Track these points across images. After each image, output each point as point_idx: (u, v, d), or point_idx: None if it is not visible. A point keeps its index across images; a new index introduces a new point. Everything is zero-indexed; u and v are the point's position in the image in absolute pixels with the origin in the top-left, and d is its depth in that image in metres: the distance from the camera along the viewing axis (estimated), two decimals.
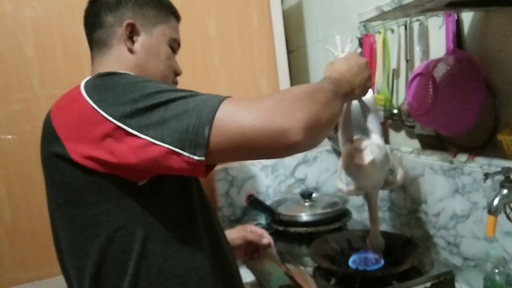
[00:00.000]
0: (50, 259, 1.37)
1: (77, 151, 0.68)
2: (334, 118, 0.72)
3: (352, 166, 0.95)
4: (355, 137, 1.02)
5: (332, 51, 1.01)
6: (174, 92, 0.66)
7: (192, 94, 0.66)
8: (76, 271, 0.74)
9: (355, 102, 1.01)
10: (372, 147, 0.95)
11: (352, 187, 1.03)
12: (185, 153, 0.62)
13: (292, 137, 0.61)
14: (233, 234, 1.12)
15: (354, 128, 1.02)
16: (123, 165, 0.66)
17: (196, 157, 0.62)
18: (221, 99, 0.64)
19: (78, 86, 0.72)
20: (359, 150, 0.94)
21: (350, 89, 0.84)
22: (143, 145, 0.64)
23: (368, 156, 0.92)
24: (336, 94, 0.75)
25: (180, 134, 0.62)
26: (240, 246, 1.13)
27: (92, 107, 0.67)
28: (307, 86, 0.71)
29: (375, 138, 0.98)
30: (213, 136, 0.62)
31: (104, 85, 0.70)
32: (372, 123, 1.00)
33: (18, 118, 1.37)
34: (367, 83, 0.90)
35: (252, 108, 0.63)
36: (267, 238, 1.14)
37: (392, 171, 1.07)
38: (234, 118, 0.62)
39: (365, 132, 1.00)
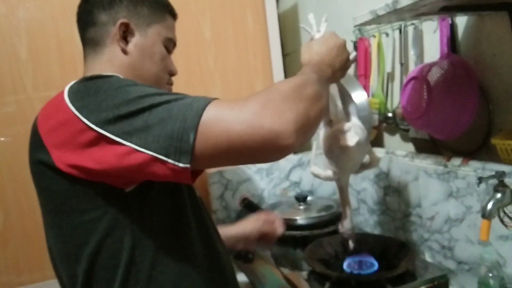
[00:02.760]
0: (42, 262, 1.36)
1: (61, 159, 0.67)
2: (322, 111, 0.70)
3: (337, 148, 0.94)
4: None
5: (308, 31, 0.97)
6: (158, 96, 0.63)
7: (178, 98, 0.63)
8: (68, 278, 0.73)
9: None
10: (355, 128, 0.94)
11: (329, 172, 1.01)
12: (169, 160, 0.60)
13: (283, 141, 0.59)
14: (248, 227, 1.12)
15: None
16: (107, 172, 0.64)
17: (181, 164, 0.60)
18: (206, 102, 0.61)
19: (62, 92, 0.70)
20: (343, 132, 0.93)
21: (331, 72, 0.82)
22: (126, 152, 0.62)
23: (353, 137, 0.91)
24: (321, 84, 0.73)
25: (164, 141, 0.60)
26: (255, 238, 1.13)
27: (75, 114, 0.65)
28: (293, 82, 0.68)
29: (355, 120, 0.97)
30: (199, 142, 0.59)
31: (87, 90, 0.67)
32: (351, 106, 0.98)
33: (11, 120, 1.36)
34: (347, 64, 0.87)
35: (238, 111, 0.60)
36: (280, 228, 1.14)
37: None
38: (219, 122, 0.60)
39: (341, 114, 0.99)
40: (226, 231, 1.09)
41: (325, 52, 0.82)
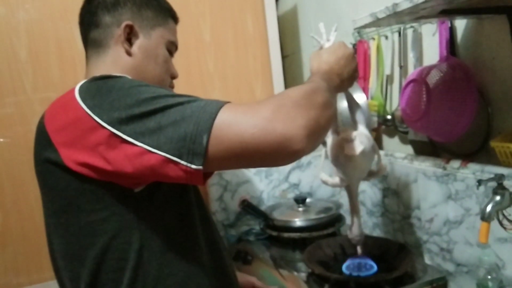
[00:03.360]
0: (41, 264, 1.36)
1: (71, 157, 0.66)
2: (332, 118, 0.71)
3: (342, 157, 0.95)
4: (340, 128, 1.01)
5: (318, 40, 0.98)
6: (171, 98, 0.64)
7: (190, 100, 0.64)
8: (71, 281, 0.72)
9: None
10: (361, 137, 0.95)
11: (337, 179, 1.02)
12: (182, 162, 0.61)
13: (294, 146, 0.60)
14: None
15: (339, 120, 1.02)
16: (118, 172, 0.64)
17: (193, 166, 0.60)
18: (219, 105, 0.62)
19: (72, 90, 0.70)
20: (349, 141, 0.94)
21: (339, 81, 0.83)
22: (139, 153, 0.62)
23: (358, 146, 0.92)
24: (330, 92, 0.74)
25: (177, 142, 0.60)
26: None
27: (86, 112, 0.65)
28: (304, 89, 0.69)
29: (362, 129, 0.98)
30: (211, 145, 0.60)
31: (98, 89, 0.67)
32: (358, 115, 0.99)
33: (10, 121, 1.36)
34: (355, 74, 0.88)
35: (251, 115, 0.61)
36: None
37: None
38: (232, 126, 0.60)
39: (349, 123, 1.00)
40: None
41: (334, 62, 0.83)
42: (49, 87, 1.39)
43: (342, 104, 1.03)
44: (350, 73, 0.86)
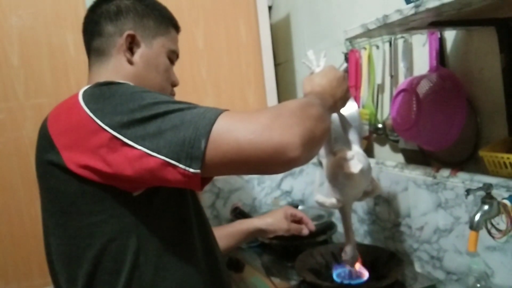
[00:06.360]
0: (31, 270, 1.35)
1: (72, 160, 0.68)
2: (326, 132, 0.73)
3: (341, 176, 0.96)
4: (336, 148, 1.02)
5: (309, 66, 1.01)
6: (172, 104, 0.65)
7: (190, 107, 0.66)
8: (68, 282, 0.73)
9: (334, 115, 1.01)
10: (358, 156, 0.96)
11: (334, 200, 1.02)
12: (180, 165, 0.62)
13: (290, 153, 0.61)
14: (274, 226, 1.21)
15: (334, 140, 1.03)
16: (118, 175, 0.66)
17: (191, 170, 0.62)
18: (218, 112, 0.64)
19: (76, 95, 0.71)
20: (347, 160, 0.95)
21: (333, 102, 0.85)
22: (138, 156, 0.63)
23: (357, 165, 0.93)
24: (324, 108, 0.76)
25: (176, 146, 0.62)
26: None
27: (89, 116, 0.66)
28: (299, 101, 0.71)
29: (356, 148, 0.99)
30: (209, 149, 0.61)
31: (102, 94, 0.69)
32: (352, 135, 1.01)
33: (1, 127, 1.35)
34: (347, 95, 0.91)
35: (248, 122, 0.63)
36: (307, 230, 1.23)
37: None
38: (230, 132, 0.62)
39: (343, 143, 1.01)
40: (249, 223, 1.20)
41: (326, 84, 0.85)
42: (41, 93, 1.38)
43: (334, 123, 1.03)
44: (342, 93, 0.88)
